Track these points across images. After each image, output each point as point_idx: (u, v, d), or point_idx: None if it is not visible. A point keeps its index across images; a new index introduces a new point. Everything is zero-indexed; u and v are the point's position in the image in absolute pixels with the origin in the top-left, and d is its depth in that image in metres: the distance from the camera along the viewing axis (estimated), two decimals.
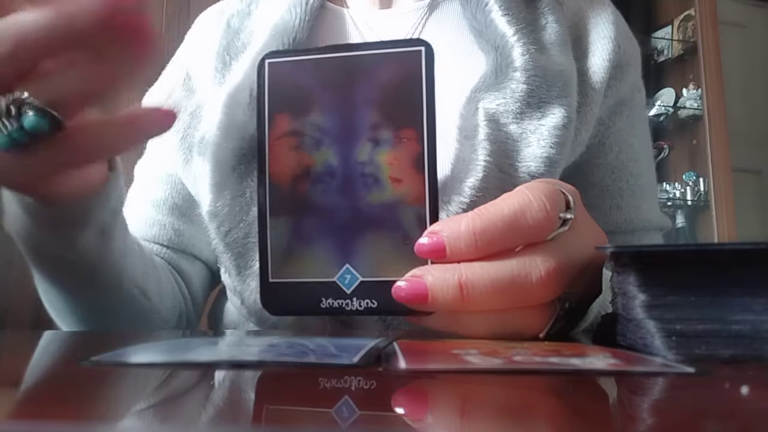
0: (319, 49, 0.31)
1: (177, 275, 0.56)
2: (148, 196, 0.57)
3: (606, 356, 0.22)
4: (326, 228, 0.30)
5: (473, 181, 0.44)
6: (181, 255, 0.57)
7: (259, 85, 0.31)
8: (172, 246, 0.56)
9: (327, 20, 0.56)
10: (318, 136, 0.30)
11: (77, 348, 0.32)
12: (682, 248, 0.25)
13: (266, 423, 0.15)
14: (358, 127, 0.30)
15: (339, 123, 0.30)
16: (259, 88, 0.31)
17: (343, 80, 0.30)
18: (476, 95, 0.47)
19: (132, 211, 0.56)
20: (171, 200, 0.56)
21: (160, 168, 0.57)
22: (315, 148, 0.30)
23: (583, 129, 0.50)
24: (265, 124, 0.31)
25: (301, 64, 0.31)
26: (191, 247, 0.56)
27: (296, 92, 0.31)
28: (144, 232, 0.55)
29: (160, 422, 0.15)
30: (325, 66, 0.31)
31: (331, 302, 0.30)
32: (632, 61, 0.54)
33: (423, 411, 0.17)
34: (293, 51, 0.31)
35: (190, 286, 0.57)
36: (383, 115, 0.30)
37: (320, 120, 0.30)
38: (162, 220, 0.56)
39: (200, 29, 0.60)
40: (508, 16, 0.49)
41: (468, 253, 0.27)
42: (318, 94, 0.31)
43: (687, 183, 2.08)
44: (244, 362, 0.22)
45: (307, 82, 0.31)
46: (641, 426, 0.15)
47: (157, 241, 0.56)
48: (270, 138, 0.31)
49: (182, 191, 0.55)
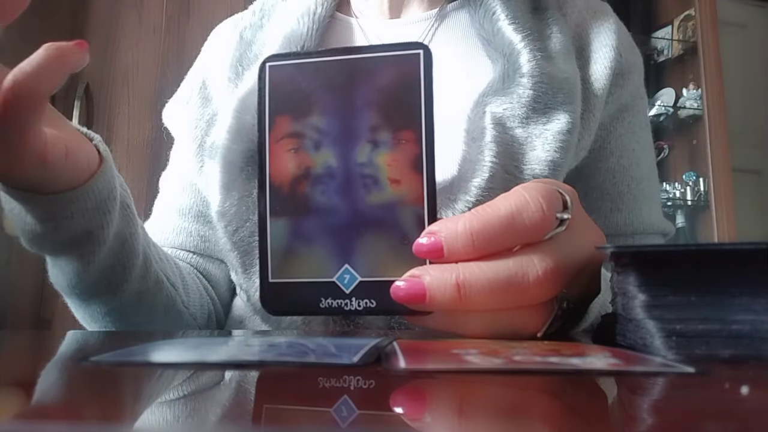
0: (320, 53, 0.32)
1: (204, 279, 0.57)
2: (173, 205, 0.59)
3: (606, 356, 0.22)
4: (326, 228, 0.30)
5: (479, 181, 0.45)
6: (207, 259, 0.58)
7: (260, 88, 0.31)
8: (199, 252, 0.58)
9: (336, 30, 0.57)
10: (318, 137, 0.31)
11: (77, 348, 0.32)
12: (682, 248, 0.25)
13: (266, 422, 0.15)
14: (358, 128, 0.30)
15: (339, 125, 0.31)
16: (260, 91, 0.31)
17: (342, 83, 0.31)
18: (484, 99, 0.49)
19: (158, 220, 0.59)
20: (196, 208, 0.57)
21: (182, 177, 0.58)
22: (315, 150, 0.31)
23: (585, 134, 0.52)
24: (265, 126, 0.31)
25: (302, 67, 0.31)
26: (217, 252, 0.57)
27: (297, 95, 0.31)
28: (172, 240, 0.57)
29: (160, 422, 0.15)
30: (325, 69, 0.31)
31: (331, 302, 0.30)
32: (634, 69, 0.56)
33: (422, 411, 0.17)
34: (294, 54, 0.32)
35: (217, 288, 0.58)
36: (382, 117, 0.30)
37: (320, 122, 0.31)
38: (188, 228, 0.58)
39: (215, 42, 0.63)
40: (515, 24, 0.51)
41: (465, 253, 0.28)
42: (318, 97, 0.31)
43: (687, 183, 2.08)
44: (244, 362, 0.22)
45: (307, 84, 0.31)
46: (641, 426, 0.15)
47: (184, 248, 0.58)
48: (270, 140, 0.31)
49: (204, 199, 0.56)
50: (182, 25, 1.64)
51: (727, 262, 0.24)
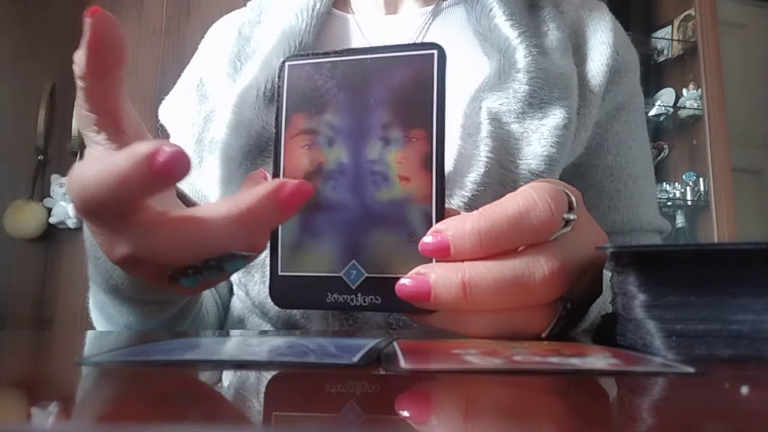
0: (336, 52, 0.32)
1: None
2: None
3: (606, 356, 0.22)
4: (335, 223, 0.30)
5: (475, 176, 0.45)
6: None
7: (279, 86, 0.32)
8: None
9: (333, 25, 0.57)
10: (331, 134, 0.31)
11: (77, 348, 0.32)
12: (682, 248, 0.25)
13: (265, 422, 0.15)
14: (370, 126, 0.31)
15: (352, 122, 0.31)
16: (278, 89, 0.32)
17: (357, 81, 0.31)
18: (480, 95, 0.49)
19: None
20: None
21: None
22: (328, 146, 0.31)
23: (582, 130, 0.52)
24: (282, 122, 0.32)
25: (319, 66, 0.32)
26: None
27: (313, 93, 0.32)
28: None
29: (160, 422, 0.15)
30: (341, 68, 0.31)
31: (337, 297, 0.30)
32: (630, 67, 0.56)
33: (422, 411, 0.17)
34: (312, 53, 0.32)
35: (218, 289, 0.58)
36: (395, 116, 0.30)
37: (334, 119, 0.31)
38: None
39: (213, 38, 0.63)
40: (511, 21, 0.51)
41: (472, 252, 0.28)
42: (333, 95, 0.31)
43: (687, 183, 2.08)
44: (244, 362, 0.22)
45: (323, 83, 0.32)
46: (641, 426, 0.15)
47: None
48: (286, 136, 0.32)
49: (201, 197, 0.56)
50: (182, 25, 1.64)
51: (727, 262, 0.24)
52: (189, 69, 0.63)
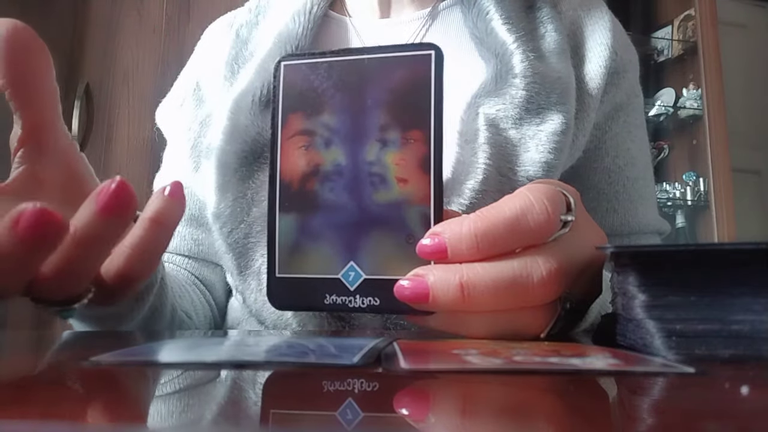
0: (333, 52, 0.32)
1: (201, 284, 0.57)
2: None
3: (606, 356, 0.22)
4: (332, 225, 0.30)
5: (473, 183, 0.45)
6: (202, 263, 0.58)
7: (275, 86, 0.32)
8: (193, 255, 0.57)
9: (330, 28, 0.57)
10: (328, 135, 0.31)
11: (77, 348, 0.32)
12: (682, 248, 0.25)
13: (264, 423, 0.15)
14: (368, 127, 0.31)
15: (349, 123, 0.31)
16: (274, 89, 0.32)
17: (354, 82, 0.31)
18: (477, 101, 0.48)
19: None
20: (189, 211, 0.56)
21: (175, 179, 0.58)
22: (325, 147, 0.31)
23: (580, 134, 0.51)
24: (278, 123, 0.31)
25: (315, 67, 0.32)
26: (211, 255, 0.57)
27: (309, 93, 0.31)
28: None
29: (160, 422, 0.15)
30: (338, 68, 0.31)
31: (335, 299, 0.30)
32: (629, 67, 0.55)
33: (422, 410, 0.17)
34: (308, 54, 0.32)
35: (213, 292, 0.58)
36: (392, 117, 0.30)
37: (331, 120, 0.31)
38: (181, 231, 0.57)
39: (209, 41, 0.62)
40: (508, 24, 0.51)
41: (469, 254, 0.28)
42: (330, 95, 0.31)
43: (687, 183, 2.08)
44: (244, 362, 0.22)
45: (320, 83, 0.31)
46: (641, 426, 0.15)
47: (178, 252, 0.57)
48: (282, 137, 0.31)
49: (197, 201, 0.56)
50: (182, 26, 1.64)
51: (727, 262, 0.24)
52: (185, 71, 0.62)
